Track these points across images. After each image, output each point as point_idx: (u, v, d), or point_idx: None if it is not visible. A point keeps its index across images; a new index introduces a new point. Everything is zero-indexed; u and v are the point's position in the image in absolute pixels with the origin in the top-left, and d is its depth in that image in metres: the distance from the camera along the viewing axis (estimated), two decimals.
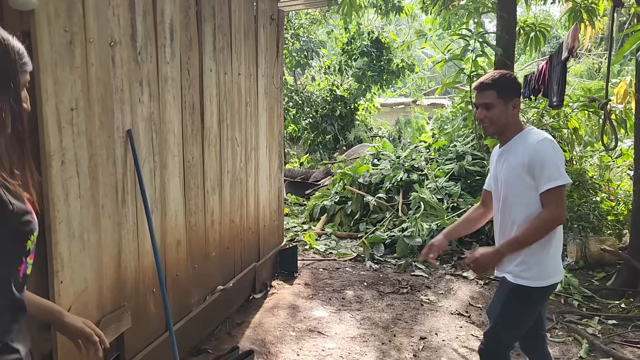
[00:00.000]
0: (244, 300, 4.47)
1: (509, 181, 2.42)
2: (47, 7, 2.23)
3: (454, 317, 4.40)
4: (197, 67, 3.56)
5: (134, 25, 2.86)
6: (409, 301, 4.74)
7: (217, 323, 3.93)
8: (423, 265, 5.72)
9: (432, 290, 5.08)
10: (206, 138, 3.69)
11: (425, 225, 6.39)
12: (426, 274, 5.51)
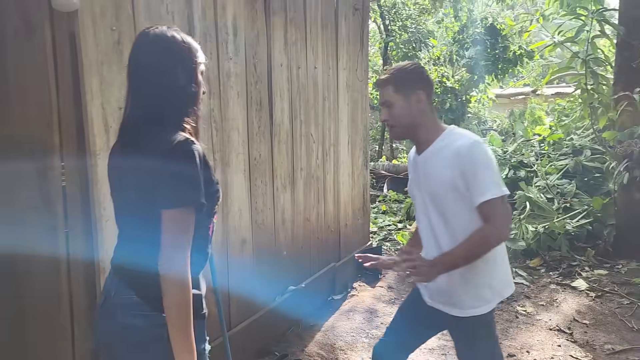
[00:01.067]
0: (321, 301, 4.34)
1: (436, 193, 2.02)
2: (92, 8, 2.25)
3: (553, 333, 3.91)
4: (265, 62, 3.48)
5: (192, 22, 2.83)
6: (502, 312, 4.30)
7: (288, 325, 3.84)
8: (525, 273, 5.19)
9: (532, 300, 4.58)
10: (275, 135, 3.61)
11: (531, 228, 5.82)
12: (527, 282, 4.99)
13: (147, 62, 1.56)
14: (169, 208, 1.43)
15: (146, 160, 1.47)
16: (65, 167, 2.30)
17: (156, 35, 1.57)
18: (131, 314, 1.48)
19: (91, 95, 2.26)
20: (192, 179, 1.46)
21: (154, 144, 1.47)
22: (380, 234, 6.82)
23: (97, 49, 2.28)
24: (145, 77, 1.56)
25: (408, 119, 2.03)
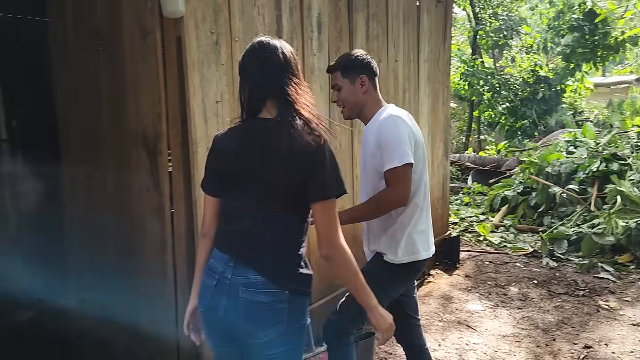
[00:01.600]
0: None
1: (366, 159, 2.37)
2: (194, 13, 2.58)
3: (636, 328, 3.83)
4: None
5: (280, 22, 3.10)
6: (583, 305, 4.25)
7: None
8: (612, 268, 5.05)
9: (617, 295, 4.47)
10: (356, 125, 3.81)
11: (621, 223, 5.60)
12: (614, 278, 4.85)
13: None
14: (326, 199, 1.64)
15: (291, 156, 1.63)
16: (171, 153, 2.66)
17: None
18: (255, 292, 1.64)
19: (193, 91, 2.59)
20: (338, 172, 1.68)
21: (296, 142, 1.62)
22: (461, 225, 6.85)
23: (199, 50, 2.60)
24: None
25: (354, 100, 2.36)
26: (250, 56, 1.76)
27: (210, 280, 1.73)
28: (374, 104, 2.38)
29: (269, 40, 1.76)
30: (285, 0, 3.13)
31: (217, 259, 1.75)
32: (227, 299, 1.67)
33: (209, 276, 1.75)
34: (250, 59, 1.76)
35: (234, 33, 2.79)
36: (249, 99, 1.74)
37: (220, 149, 1.79)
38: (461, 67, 14.86)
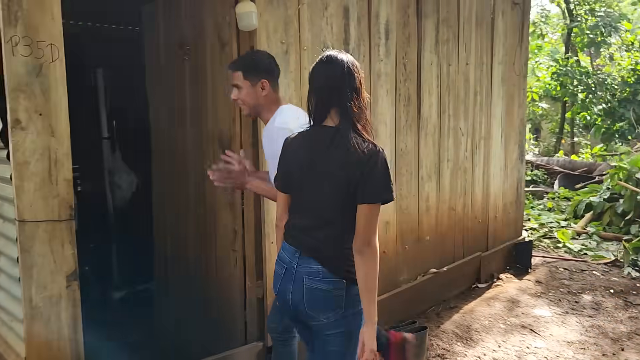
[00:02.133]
0: (465, 287, 4.55)
1: (267, 159, 2.42)
2: (266, 26, 2.83)
3: None
4: (414, 61, 3.81)
5: (347, 31, 3.29)
6: None
7: (430, 304, 4.15)
8: None
9: None
10: (422, 128, 3.92)
11: None
12: None
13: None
14: (372, 202, 1.80)
15: (347, 161, 1.80)
16: (243, 152, 2.93)
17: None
18: (317, 280, 1.86)
19: None
20: (388, 180, 1.84)
21: (354, 149, 1.80)
22: (540, 230, 6.67)
23: None
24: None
25: (253, 102, 2.35)
26: (318, 69, 1.96)
27: (280, 269, 1.97)
28: (272, 105, 2.39)
29: (337, 54, 1.91)
30: (354, 10, 3.31)
31: (285, 250, 1.97)
32: (293, 285, 1.90)
33: (279, 265, 1.99)
34: (318, 71, 1.95)
35: (303, 43, 3.02)
36: (315, 108, 1.92)
37: (290, 151, 2.01)
38: (553, 67, 14.25)
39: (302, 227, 1.94)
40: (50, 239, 2.09)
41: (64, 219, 2.12)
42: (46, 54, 2.04)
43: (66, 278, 2.14)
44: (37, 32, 2.01)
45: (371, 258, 1.82)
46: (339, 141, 1.83)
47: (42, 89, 2.03)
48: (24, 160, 2.01)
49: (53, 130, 2.07)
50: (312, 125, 1.95)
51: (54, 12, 2.05)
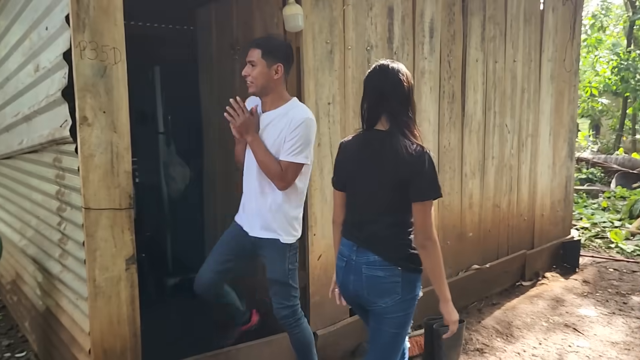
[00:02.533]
0: (508, 285, 4.54)
1: (269, 147, 2.45)
2: (312, 27, 2.95)
3: None
4: (459, 58, 3.84)
5: (391, 30, 3.37)
6: None
7: (471, 299, 4.18)
8: None
9: None
10: (467, 125, 3.95)
11: None
12: None
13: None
14: (423, 200, 1.96)
15: (398, 162, 1.96)
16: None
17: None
18: (374, 268, 2.03)
19: (308, 94, 2.97)
20: (436, 179, 1.99)
21: (403, 150, 1.96)
22: (592, 230, 6.51)
23: (315, 58, 2.98)
24: None
25: (263, 82, 2.42)
26: (372, 77, 2.11)
27: (340, 262, 2.17)
28: (279, 91, 2.49)
29: (390, 63, 2.07)
30: (398, 10, 3.39)
31: (344, 245, 2.16)
32: (353, 275, 2.09)
33: (339, 259, 2.18)
34: (372, 79, 2.10)
35: (347, 42, 3.13)
36: (368, 113, 2.10)
37: (346, 153, 2.19)
38: (614, 61, 13.71)
39: (358, 222, 2.12)
40: (111, 226, 2.29)
41: (124, 207, 2.32)
42: (110, 56, 2.24)
43: (125, 261, 2.34)
44: (102, 36, 2.20)
45: (433, 250, 1.99)
46: (390, 144, 1.99)
47: (106, 88, 2.23)
48: (90, 154, 2.21)
49: (115, 126, 2.26)
50: (364, 129, 2.13)
51: (117, 18, 2.24)
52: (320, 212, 3.09)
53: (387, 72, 2.04)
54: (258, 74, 2.42)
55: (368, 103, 2.09)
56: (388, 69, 2.05)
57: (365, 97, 2.11)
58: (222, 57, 3.54)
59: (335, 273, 2.27)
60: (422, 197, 1.97)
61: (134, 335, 2.38)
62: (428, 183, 1.97)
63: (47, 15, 2.55)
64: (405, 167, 1.95)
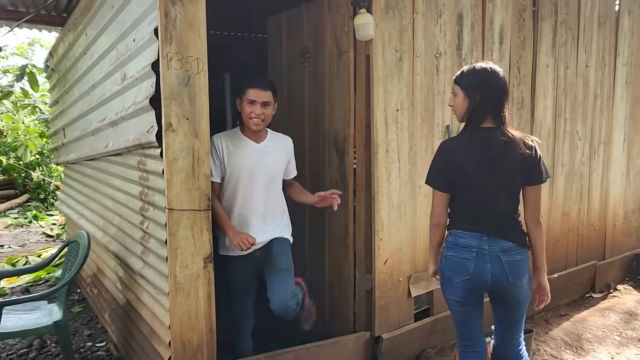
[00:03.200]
0: (577, 296, 4.41)
1: (277, 171, 2.86)
2: (382, 36, 3.01)
3: None
4: (529, 64, 3.78)
5: (460, 37, 3.37)
6: None
7: (538, 310, 4.08)
8: None
9: None
10: (536, 131, 3.88)
11: None
12: None
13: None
14: (539, 183, 2.22)
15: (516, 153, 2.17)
16: (356, 154, 3.14)
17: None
18: (512, 254, 2.22)
19: (377, 101, 3.02)
20: (544, 162, 2.23)
21: (520, 143, 2.18)
22: None
23: (384, 66, 3.03)
24: None
25: (269, 119, 2.77)
26: (489, 77, 2.22)
27: (467, 254, 2.24)
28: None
29: (494, 67, 2.24)
30: (467, 16, 3.38)
31: (468, 237, 2.25)
32: (490, 264, 2.21)
33: (465, 252, 2.25)
34: (490, 79, 2.21)
35: (416, 50, 3.16)
36: (475, 112, 2.22)
37: (456, 153, 2.26)
38: None
39: (485, 215, 2.25)
40: (191, 226, 2.43)
41: (203, 209, 2.45)
42: (193, 66, 2.38)
43: (203, 260, 2.47)
44: (188, 48, 2.34)
45: (543, 227, 2.30)
46: (509, 138, 2.17)
47: (189, 96, 2.37)
48: (174, 158, 2.36)
49: (196, 132, 2.40)
50: (469, 129, 2.24)
51: (200, 31, 2.38)
52: (387, 217, 3.13)
53: (497, 75, 2.22)
54: (270, 112, 2.76)
55: (484, 102, 2.20)
56: (497, 72, 2.23)
57: (473, 97, 2.21)
58: (292, 64, 3.65)
59: (431, 265, 2.48)
60: (540, 180, 2.21)
61: (210, 330, 2.51)
62: (543, 167, 2.21)
63: (134, 28, 2.73)
64: (526, 156, 2.15)
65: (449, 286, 2.33)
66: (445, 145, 2.31)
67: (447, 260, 2.31)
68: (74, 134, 4.43)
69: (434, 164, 2.34)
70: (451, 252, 2.29)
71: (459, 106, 2.30)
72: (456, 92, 2.31)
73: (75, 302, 4.57)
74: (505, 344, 2.43)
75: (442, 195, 2.32)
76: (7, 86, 6.01)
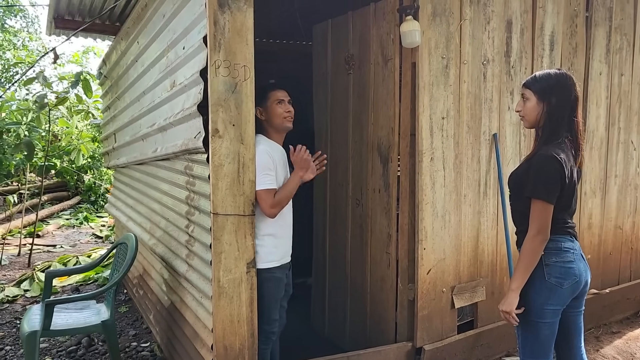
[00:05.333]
0: (631, 313, 4.22)
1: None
2: (428, 43, 2.98)
3: None
4: (581, 72, 3.67)
5: (509, 44, 3.30)
6: None
7: (588, 326, 3.91)
8: None
9: None
10: (587, 141, 3.75)
11: None
12: None
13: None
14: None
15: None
16: (400, 161, 3.11)
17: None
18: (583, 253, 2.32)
19: (422, 109, 2.99)
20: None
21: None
22: None
23: (430, 73, 3.00)
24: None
25: None
26: (570, 87, 2.21)
27: (575, 257, 2.24)
28: None
29: (569, 73, 2.26)
30: (517, 23, 3.31)
31: (570, 241, 2.26)
32: (583, 264, 2.26)
33: (572, 255, 2.23)
34: (570, 90, 2.21)
35: (463, 57, 3.11)
36: (562, 122, 2.20)
37: (567, 166, 2.16)
38: None
39: (572, 221, 2.33)
40: (236, 230, 2.46)
41: (247, 214, 2.48)
42: (240, 73, 2.42)
43: (246, 265, 2.49)
44: (235, 55, 2.38)
45: None
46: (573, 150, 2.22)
47: (236, 103, 2.41)
48: (220, 163, 2.40)
49: (242, 138, 2.44)
50: (564, 140, 2.20)
51: (248, 39, 2.42)
52: (431, 227, 3.09)
53: (572, 77, 2.26)
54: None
55: (567, 112, 2.20)
56: (571, 75, 2.26)
57: (576, 108, 2.22)
58: (337, 72, 3.66)
59: (548, 276, 2.22)
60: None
61: (251, 335, 2.53)
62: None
63: (184, 37, 2.80)
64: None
65: (552, 295, 2.20)
66: (562, 159, 2.13)
67: (550, 267, 2.21)
68: (124, 139, 4.57)
69: (552, 179, 2.14)
70: (555, 258, 2.22)
71: (530, 112, 2.26)
72: (528, 97, 2.26)
73: (122, 303, 4.70)
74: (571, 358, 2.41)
75: (551, 208, 2.16)
76: (62, 92, 6.25)
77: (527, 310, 2.22)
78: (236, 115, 2.40)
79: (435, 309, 3.15)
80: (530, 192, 2.17)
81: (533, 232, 2.17)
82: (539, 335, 2.25)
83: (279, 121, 2.74)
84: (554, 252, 2.22)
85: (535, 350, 2.27)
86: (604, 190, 3.92)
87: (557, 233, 2.23)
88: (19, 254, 6.58)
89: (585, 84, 3.70)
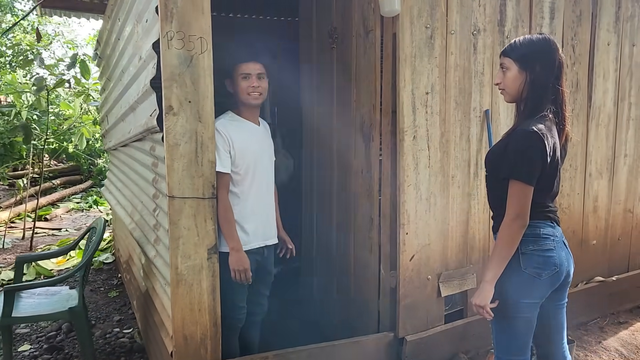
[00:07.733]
0: (638, 300, 3.96)
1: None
2: (410, 11, 2.74)
3: None
4: (586, 42, 3.38)
5: (503, 12, 3.04)
6: None
7: (592, 315, 3.69)
8: None
9: None
10: (593, 117, 3.48)
11: None
12: None
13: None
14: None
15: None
16: (382, 141, 2.90)
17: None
18: (564, 239, 2.12)
19: (404, 83, 2.77)
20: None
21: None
22: None
23: (412, 45, 2.77)
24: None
25: (266, 93, 2.67)
26: (560, 57, 1.99)
27: (555, 244, 2.02)
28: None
29: (553, 38, 2.05)
30: None
31: (550, 226, 2.04)
32: (564, 251, 2.05)
33: (552, 242, 2.01)
34: (560, 60, 1.99)
35: (450, 26, 2.87)
36: (541, 88, 1.97)
37: (550, 142, 1.92)
38: None
39: (553, 204, 2.10)
40: (195, 214, 2.30)
41: (207, 197, 2.32)
42: (196, 46, 2.24)
43: (207, 250, 2.34)
44: (189, 26, 2.20)
45: None
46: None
47: (192, 78, 2.23)
48: (175, 143, 2.24)
49: (200, 115, 2.27)
50: (551, 114, 1.97)
51: (204, 8, 2.23)
52: (414, 210, 2.88)
53: (556, 43, 2.05)
54: (266, 86, 2.64)
55: (554, 85, 1.98)
56: (555, 40, 2.06)
57: (561, 77, 2.00)
58: (321, 47, 3.45)
59: (524, 267, 1.98)
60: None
61: (214, 324, 2.39)
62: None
63: (147, 9, 2.63)
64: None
65: (529, 287, 1.98)
66: (544, 134, 1.88)
67: (526, 256, 1.98)
68: (112, 120, 4.46)
69: (532, 158, 1.89)
70: (532, 246, 1.98)
71: (511, 83, 2.01)
72: (507, 66, 2.02)
73: (113, 287, 4.64)
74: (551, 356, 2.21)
75: (531, 190, 1.93)
76: (59, 74, 6.18)
77: (502, 304, 2.01)
78: (192, 91, 2.24)
79: (419, 297, 2.96)
80: (508, 172, 1.94)
81: (510, 216, 1.95)
82: (515, 331, 2.05)
83: (244, 97, 2.57)
84: (532, 240, 1.99)
85: (512, 346, 2.07)
86: (612, 171, 3.64)
87: (536, 218, 2.00)
88: (23, 237, 6.60)
89: (590, 56, 3.41)
